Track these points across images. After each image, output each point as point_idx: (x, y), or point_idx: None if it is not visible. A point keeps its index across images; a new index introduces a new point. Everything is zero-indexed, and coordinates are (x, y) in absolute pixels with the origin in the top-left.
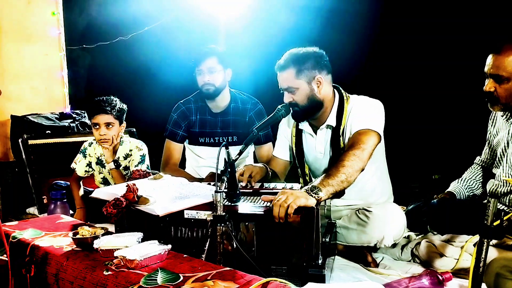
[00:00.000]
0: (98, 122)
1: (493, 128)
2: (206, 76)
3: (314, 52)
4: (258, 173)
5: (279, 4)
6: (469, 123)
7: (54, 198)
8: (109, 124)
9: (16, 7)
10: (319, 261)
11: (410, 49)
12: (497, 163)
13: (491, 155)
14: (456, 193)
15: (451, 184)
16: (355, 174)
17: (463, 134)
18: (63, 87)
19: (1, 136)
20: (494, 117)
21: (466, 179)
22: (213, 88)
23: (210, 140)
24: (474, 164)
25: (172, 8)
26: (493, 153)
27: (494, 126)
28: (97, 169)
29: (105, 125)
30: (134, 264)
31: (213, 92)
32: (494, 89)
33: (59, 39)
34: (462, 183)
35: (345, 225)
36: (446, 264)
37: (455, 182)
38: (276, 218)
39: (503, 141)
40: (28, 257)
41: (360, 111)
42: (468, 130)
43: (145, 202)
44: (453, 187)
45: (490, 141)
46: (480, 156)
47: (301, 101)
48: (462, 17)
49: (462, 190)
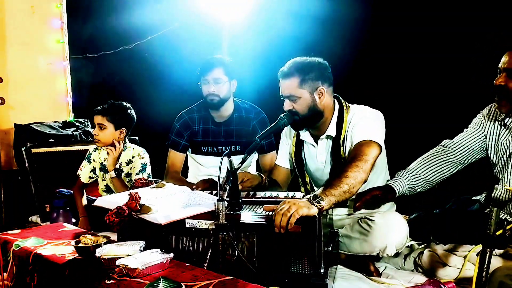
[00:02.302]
0: (94, 122)
1: (492, 133)
2: (212, 87)
3: (319, 63)
4: (249, 180)
5: (281, 12)
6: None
7: (56, 206)
8: (101, 125)
9: (21, 16)
10: (321, 270)
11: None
12: (501, 169)
13: (464, 147)
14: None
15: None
16: (357, 185)
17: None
18: (67, 96)
19: (5, 144)
20: (492, 117)
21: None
22: (218, 99)
23: (213, 149)
24: (438, 147)
25: (175, 18)
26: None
27: (494, 132)
28: (101, 175)
29: (98, 125)
30: (136, 272)
31: (217, 102)
32: (504, 83)
33: (63, 48)
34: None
35: (348, 234)
36: (449, 273)
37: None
38: (277, 227)
39: (507, 147)
40: (31, 265)
41: (361, 122)
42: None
43: (147, 210)
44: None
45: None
46: (448, 140)
47: (302, 111)
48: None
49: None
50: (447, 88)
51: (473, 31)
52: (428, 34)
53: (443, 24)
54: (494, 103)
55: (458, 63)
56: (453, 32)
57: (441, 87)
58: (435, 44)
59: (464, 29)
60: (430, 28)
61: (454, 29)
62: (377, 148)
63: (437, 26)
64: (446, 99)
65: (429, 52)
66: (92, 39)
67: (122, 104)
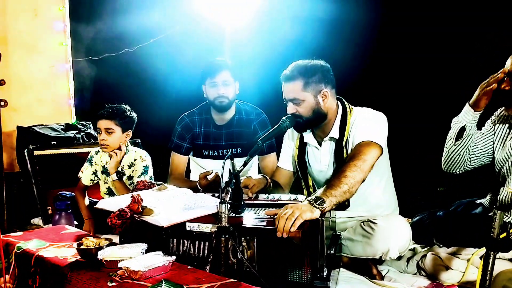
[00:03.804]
0: (99, 127)
1: (497, 135)
2: (221, 89)
3: (321, 66)
4: (255, 185)
5: (284, 16)
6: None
7: (59, 209)
8: (108, 130)
9: (23, 19)
10: (324, 273)
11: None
12: (507, 171)
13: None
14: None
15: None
16: (356, 185)
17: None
18: (69, 98)
19: (7, 146)
20: (501, 120)
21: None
22: (227, 101)
23: (214, 153)
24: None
25: (177, 20)
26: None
27: (503, 134)
28: (103, 178)
29: (105, 130)
30: (138, 275)
31: (226, 104)
32: (509, 87)
33: (65, 51)
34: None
35: (350, 237)
36: (452, 277)
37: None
38: (280, 231)
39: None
40: (33, 267)
41: (362, 123)
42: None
43: (149, 213)
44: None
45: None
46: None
47: (306, 114)
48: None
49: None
50: (451, 88)
51: (473, 31)
52: (432, 35)
53: (448, 24)
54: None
55: (461, 64)
56: (455, 32)
57: (445, 88)
58: (439, 45)
59: (465, 29)
60: (434, 29)
61: (456, 29)
62: (377, 149)
63: (443, 26)
64: (450, 100)
65: (432, 53)
66: (95, 41)
67: (123, 106)
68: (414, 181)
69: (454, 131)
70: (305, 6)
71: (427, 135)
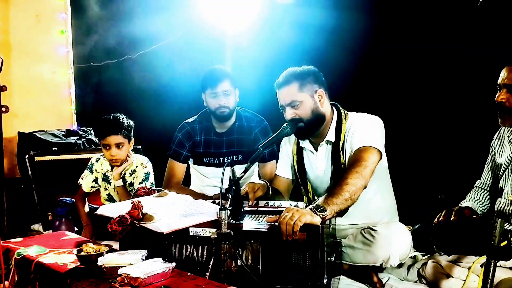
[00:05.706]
0: (108, 143)
1: (500, 147)
2: (222, 99)
3: (313, 69)
4: (260, 188)
5: (285, 23)
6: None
7: (59, 215)
8: (119, 144)
9: (25, 25)
10: (324, 281)
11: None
12: (504, 181)
13: (492, 176)
14: (475, 208)
15: (466, 200)
16: (358, 192)
17: (468, 154)
18: (71, 104)
19: (8, 152)
20: (501, 137)
21: (476, 200)
22: (228, 111)
23: (215, 160)
24: (476, 188)
25: (179, 28)
26: (494, 173)
27: (501, 146)
28: (103, 185)
29: (115, 145)
30: (138, 282)
31: (227, 114)
32: (506, 100)
33: (67, 57)
34: (475, 202)
35: (351, 245)
36: (453, 285)
37: (471, 199)
38: (284, 235)
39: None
40: (32, 274)
41: (360, 128)
42: (473, 147)
43: (150, 219)
44: (471, 204)
45: (492, 159)
46: (480, 180)
47: (306, 115)
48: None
49: (477, 208)
50: (448, 95)
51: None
52: (428, 37)
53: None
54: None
55: (459, 65)
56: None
57: (442, 94)
58: (439, 45)
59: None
60: (428, 31)
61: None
62: (376, 154)
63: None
64: (448, 106)
65: (432, 52)
66: (96, 48)
67: (121, 116)
68: (415, 189)
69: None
70: (307, 14)
71: (428, 142)
